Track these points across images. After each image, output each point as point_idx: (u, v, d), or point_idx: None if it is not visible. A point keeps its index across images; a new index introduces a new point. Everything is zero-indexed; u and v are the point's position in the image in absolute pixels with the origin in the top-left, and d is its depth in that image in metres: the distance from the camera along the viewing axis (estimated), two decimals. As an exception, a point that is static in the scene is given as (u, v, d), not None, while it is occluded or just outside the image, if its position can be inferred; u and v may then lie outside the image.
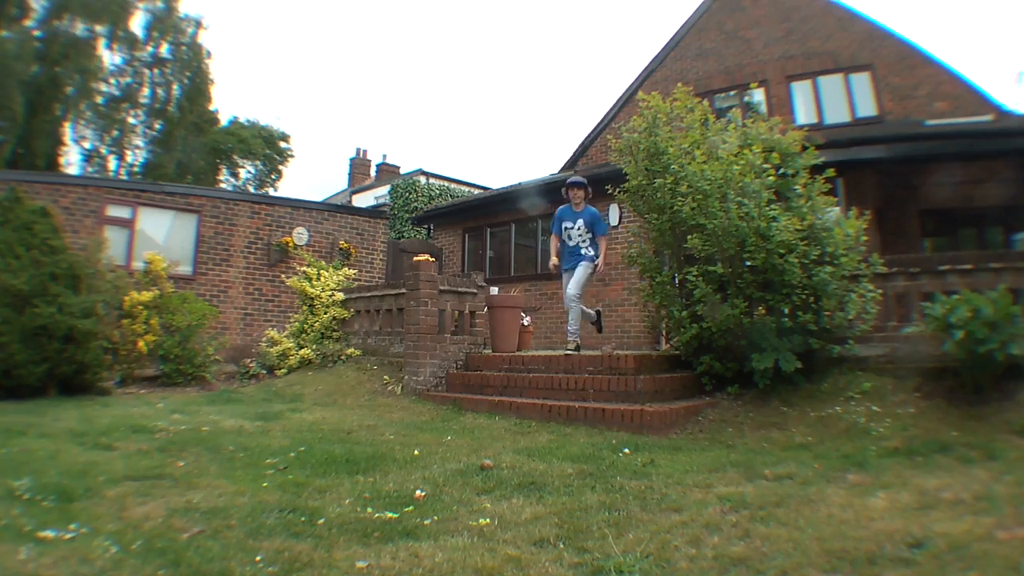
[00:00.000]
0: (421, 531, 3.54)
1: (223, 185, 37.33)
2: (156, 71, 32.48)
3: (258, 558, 3.09)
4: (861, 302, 7.05)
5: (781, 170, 7.42)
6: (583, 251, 8.51)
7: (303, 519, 3.71)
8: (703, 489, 4.27)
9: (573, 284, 8.40)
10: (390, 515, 3.81)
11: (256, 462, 5.21)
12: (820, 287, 6.79)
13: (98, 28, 29.27)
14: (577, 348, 8.46)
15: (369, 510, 3.91)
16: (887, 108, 14.51)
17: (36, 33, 26.97)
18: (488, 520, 3.72)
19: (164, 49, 32.29)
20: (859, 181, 11.40)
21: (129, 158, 33.01)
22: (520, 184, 16.33)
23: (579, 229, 8.52)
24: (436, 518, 3.78)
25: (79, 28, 28.50)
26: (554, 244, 8.79)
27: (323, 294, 11.85)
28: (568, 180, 8.72)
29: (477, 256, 16.68)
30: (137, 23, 31.25)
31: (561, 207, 8.75)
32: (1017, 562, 2.77)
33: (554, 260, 8.70)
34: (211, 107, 35.24)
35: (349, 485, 4.53)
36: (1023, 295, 6.55)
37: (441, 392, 8.97)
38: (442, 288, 9.63)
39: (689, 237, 7.32)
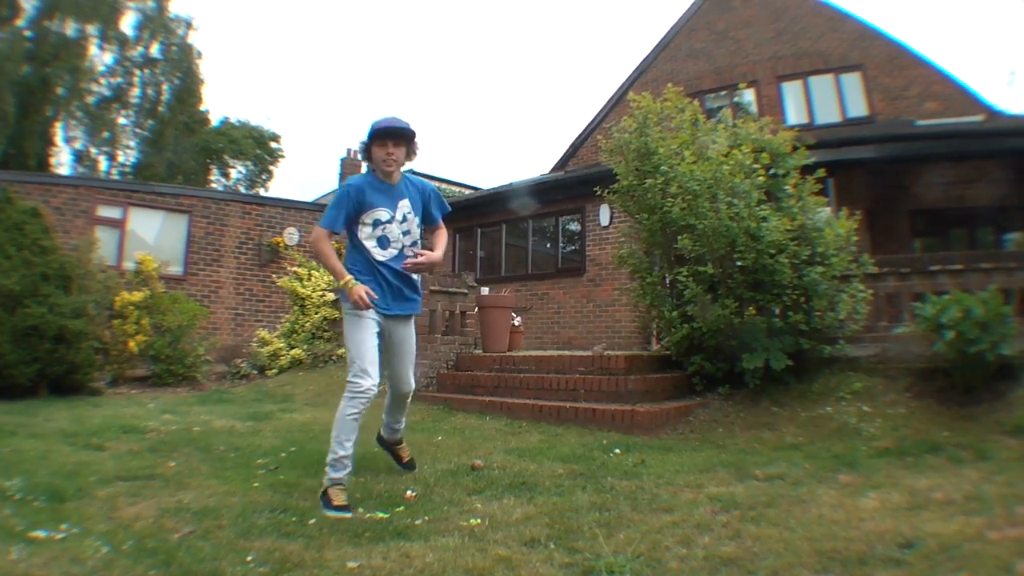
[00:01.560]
0: (412, 531, 3.54)
1: (214, 185, 37.14)
2: (147, 71, 32.33)
3: (249, 558, 3.08)
4: (852, 302, 7.07)
5: (771, 170, 7.43)
6: (415, 276, 4.62)
7: (294, 519, 3.71)
8: (694, 489, 4.27)
9: (410, 362, 4.68)
10: (381, 515, 3.81)
11: (247, 462, 5.21)
12: (811, 287, 6.80)
13: (89, 28, 29.13)
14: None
15: (360, 510, 3.91)
16: (878, 108, 14.56)
17: (27, 33, 26.81)
18: (479, 520, 3.71)
19: (155, 49, 32.11)
20: (850, 181, 11.43)
21: (120, 158, 32.85)
22: (511, 184, 16.33)
23: (404, 221, 4.50)
24: (427, 518, 3.78)
25: (70, 28, 28.36)
26: (329, 246, 4.36)
27: (314, 294, 11.84)
28: (379, 124, 4.33)
29: (468, 256, 16.67)
30: (128, 23, 31.16)
31: (356, 180, 4.46)
32: (1008, 562, 2.78)
33: (360, 292, 4.19)
34: (201, 107, 35.16)
35: (340, 485, 4.52)
36: (1014, 295, 6.59)
37: (432, 392, 8.96)
38: (432, 288, 9.62)
39: (679, 237, 7.33)
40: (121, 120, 32.57)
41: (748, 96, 15.93)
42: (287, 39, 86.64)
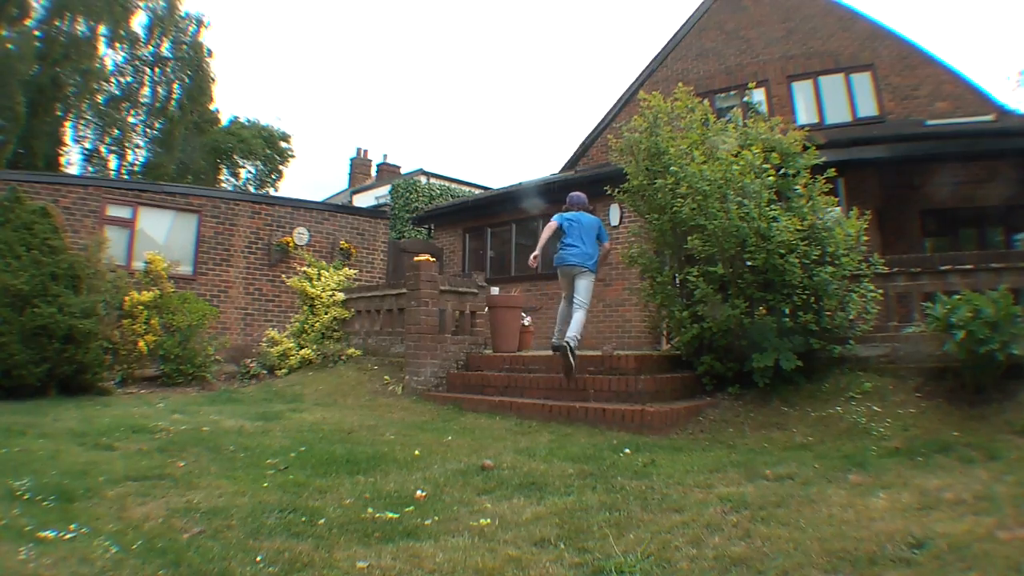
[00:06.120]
0: (422, 531, 3.54)
1: (224, 185, 37.33)
2: (157, 70, 32.43)
3: (258, 558, 3.08)
4: (862, 302, 7.05)
5: (782, 170, 7.41)
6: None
7: (303, 519, 3.71)
8: (704, 489, 4.26)
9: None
10: (391, 515, 3.81)
11: (256, 462, 5.21)
12: (821, 287, 6.78)
13: (99, 28, 29.23)
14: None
15: (370, 510, 3.91)
16: (888, 108, 14.49)
17: (37, 33, 26.91)
18: (489, 520, 3.71)
19: (165, 48, 32.24)
20: (860, 181, 11.39)
21: (129, 158, 32.95)
22: (521, 184, 16.31)
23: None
24: (437, 518, 3.78)
25: (80, 27, 28.47)
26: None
27: (324, 294, 11.85)
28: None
29: (478, 256, 16.66)
30: (138, 22, 31.27)
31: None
32: (1018, 562, 2.77)
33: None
34: (212, 107, 35.23)
35: (349, 485, 4.53)
36: (1024, 295, 6.55)
37: (442, 392, 8.96)
38: (443, 288, 9.63)
39: (689, 237, 7.31)
40: (131, 119, 32.67)
41: (758, 96, 15.86)
42: (298, 38, 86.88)
